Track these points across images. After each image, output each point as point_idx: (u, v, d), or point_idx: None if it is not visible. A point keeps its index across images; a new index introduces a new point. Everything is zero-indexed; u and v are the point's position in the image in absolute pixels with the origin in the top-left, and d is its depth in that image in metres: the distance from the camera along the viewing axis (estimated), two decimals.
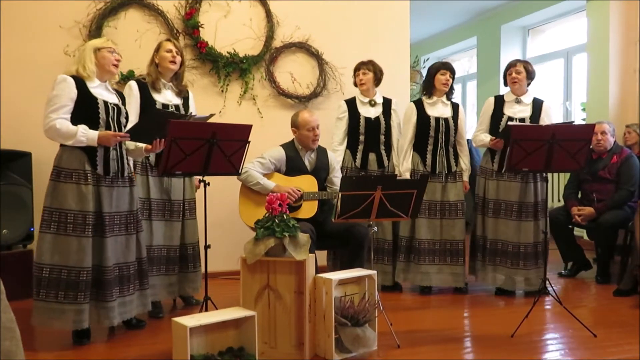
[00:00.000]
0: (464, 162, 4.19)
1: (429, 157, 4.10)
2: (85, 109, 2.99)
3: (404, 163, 4.12)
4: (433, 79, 4.13)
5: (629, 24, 5.58)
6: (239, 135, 3.03)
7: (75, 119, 2.97)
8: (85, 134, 2.94)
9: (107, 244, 3.02)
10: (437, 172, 4.10)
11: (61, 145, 3.03)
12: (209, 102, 4.51)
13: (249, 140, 3.07)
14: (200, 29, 4.58)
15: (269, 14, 4.76)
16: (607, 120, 4.85)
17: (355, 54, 4.83)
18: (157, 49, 3.57)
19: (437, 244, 4.10)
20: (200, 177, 3.09)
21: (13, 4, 4.23)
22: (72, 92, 2.97)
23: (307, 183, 3.83)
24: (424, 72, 8.10)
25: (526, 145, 3.20)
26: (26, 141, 4.18)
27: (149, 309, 3.32)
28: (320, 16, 4.90)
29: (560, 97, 6.84)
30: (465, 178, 4.19)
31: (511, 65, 4.11)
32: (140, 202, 3.44)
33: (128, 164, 3.21)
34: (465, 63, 9.29)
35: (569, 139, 3.22)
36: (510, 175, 3.97)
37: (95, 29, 4.33)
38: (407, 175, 4.08)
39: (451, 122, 4.11)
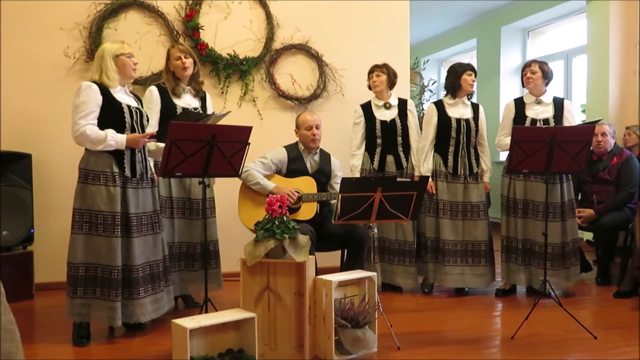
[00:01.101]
0: (485, 163, 4.19)
1: (450, 158, 4.10)
2: (111, 115, 3.05)
3: (424, 164, 4.12)
4: (459, 80, 4.11)
5: (629, 26, 5.58)
6: (239, 136, 3.04)
7: (102, 125, 3.03)
8: (115, 138, 3.02)
9: (135, 243, 3.09)
10: (458, 174, 4.10)
11: (86, 148, 3.08)
12: None
13: (249, 141, 3.08)
14: (200, 30, 4.58)
15: (269, 16, 4.77)
16: (607, 122, 4.85)
17: (355, 55, 4.84)
18: (168, 58, 3.62)
19: (459, 245, 4.10)
20: (201, 179, 3.10)
21: (13, 6, 4.24)
22: (97, 98, 3.02)
23: (305, 184, 3.84)
24: (424, 74, 8.17)
25: (526, 147, 3.20)
26: (26, 143, 4.19)
27: (173, 304, 3.42)
28: (320, 18, 4.90)
29: None
30: (487, 179, 4.19)
31: (526, 65, 4.09)
32: (163, 201, 3.55)
33: (151, 165, 3.28)
34: None
35: (569, 140, 3.22)
36: (537, 176, 3.94)
37: (96, 31, 4.34)
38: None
39: (472, 123, 4.11)
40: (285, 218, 2.83)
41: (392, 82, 4.21)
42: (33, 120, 4.29)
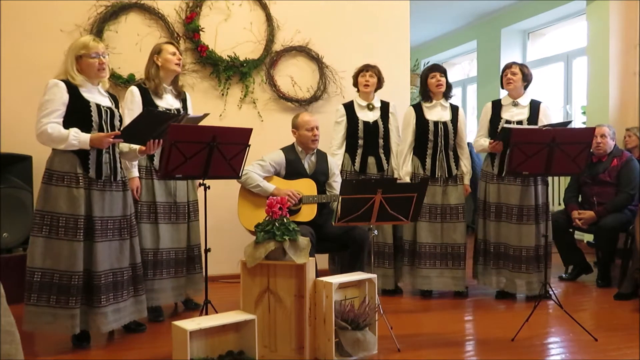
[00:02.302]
0: (465, 165, 4.19)
1: (428, 161, 4.10)
2: (78, 113, 2.96)
3: (403, 167, 4.12)
4: (426, 85, 4.15)
5: (629, 27, 5.59)
6: (239, 138, 3.04)
7: (68, 123, 2.94)
8: (77, 137, 2.91)
9: (98, 248, 2.98)
10: (436, 176, 4.10)
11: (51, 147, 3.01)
12: (209, 105, 4.51)
13: (249, 143, 3.08)
14: (200, 32, 4.58)
15: (269, 18, 4.77)
16: (607, 124, 4.85)
17: (355, 57, 4.83)
18: (158, 52, 3.54)
19: (438, 248, 4.09)
20: (201, 181, 3.09)
21: (13, 7, 4.24)
22: (63, 96, 2.93)
23: (306, 186, 3.84)
24: None
25: (526, 149, 3.20)
26: (26, 145, 4.17)
27: (144, 315, 3.27)
28: (320, 20, 4.91)
29: (561, 100, 6.84)
30: (466, 181, 4.19)
31: (507, 67, 4.12)
32: (147, 206, 3.48)
33: (121, 168, 3.16)
34: (465, 66, 9.30)
35: (569, 142, 3.22)
36: (510, 178, 3.97)
37: (96, 33, 4.33)
38: (407, 179, 4.09)
39: (450, 125, 4.11)
40: (285, 220, 2.83)
41: (380, 85, 4.23)
42: (33, 122, 4.21)
